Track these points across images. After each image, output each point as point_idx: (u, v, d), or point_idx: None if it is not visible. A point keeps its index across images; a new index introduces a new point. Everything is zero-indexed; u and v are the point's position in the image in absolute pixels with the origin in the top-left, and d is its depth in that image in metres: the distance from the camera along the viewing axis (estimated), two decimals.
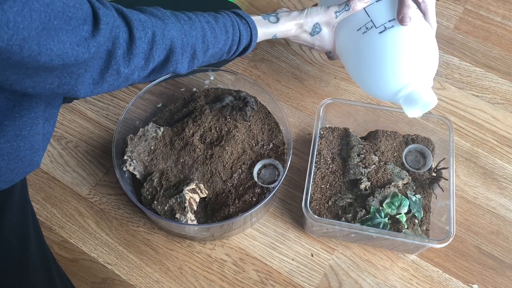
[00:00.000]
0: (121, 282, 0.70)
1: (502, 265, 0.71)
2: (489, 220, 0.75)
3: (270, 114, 0.80)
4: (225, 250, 0.72)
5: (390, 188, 0.70)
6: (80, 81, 0.48)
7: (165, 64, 0.57)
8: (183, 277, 0.70)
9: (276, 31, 0.69)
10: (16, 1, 0.35)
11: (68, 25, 0.41)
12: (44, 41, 0.39)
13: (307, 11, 0.70)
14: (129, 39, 0.51)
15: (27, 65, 0.40)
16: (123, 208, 0.76)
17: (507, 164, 0.80)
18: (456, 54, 0.94)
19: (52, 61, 0.41)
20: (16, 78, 0.42)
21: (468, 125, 0.85)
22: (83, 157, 0.81)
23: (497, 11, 1.00)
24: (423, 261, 0.71)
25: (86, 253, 0.72)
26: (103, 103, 0.87)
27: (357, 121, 0.79)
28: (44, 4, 0.38)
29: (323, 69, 0.91)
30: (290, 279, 0.70)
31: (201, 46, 0.60)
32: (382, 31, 0.65)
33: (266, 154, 0.75)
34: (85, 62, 0.45)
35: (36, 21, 0.37)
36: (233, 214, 0.69)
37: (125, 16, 0.51)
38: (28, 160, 0.56)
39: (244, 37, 0.66)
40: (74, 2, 0.41)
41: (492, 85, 0.90)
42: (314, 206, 0.71)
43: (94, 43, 0.44)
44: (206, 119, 0.76)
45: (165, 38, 0.55)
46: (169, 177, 0.72)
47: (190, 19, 0.59)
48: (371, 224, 0.67)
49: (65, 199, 0.77)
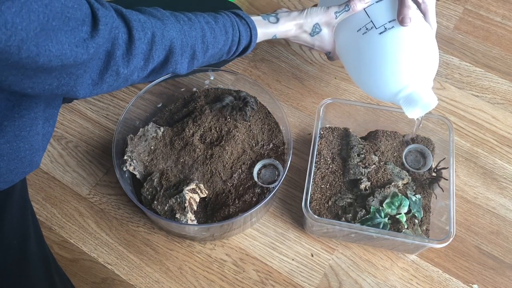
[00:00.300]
0: (121, 282, 0.70)
1: (502, 265, 0.71)
2: (489, 220, 0.75)
3: (270, 114, 0.80)
4: (225, 250, 0.72)
5: (390, 188, 0.70)
6: (79, 82, 0.48)
7: (165, 65, 0.57)
8: (183, 277, 0.70)
9: (276, 31, 0.69)
10: (15, 2, 0.35)
11: (66, 26, 0.41)
12: (42, 42, 0.39)
13: (307, 12, 0.70)
14: (129, 39, 0.51)
15: (25, 66, 0.40)
16: (123, 208, 0.76)
17: (507, 164, 0.80)
18: (456, 54, 0.94)
19: (51, 62, 0.41)
20: (14, 79, 0.42)
21: (468, 125, 0.85)
22: (83, 157, 0.81)
23: (497, 11, 1.00)
24: (423, 261, 0.71)
25: (86, 253, 0.72)
26: (103, 103, 0.87)
27: (357, 121, 0.79)
28: (43, 5, 0.37)
29: (323, 69, 0.91)
30: (290, 279, 0.70)
31: (201, 46, 0.60)
32: (382, 32, 0.65)
33: (266, 154, 0.75)
34: (84, 63, 0.45)
35: (34, 22, 0.37)
36: (233, 214, 0.69)
37: (124, 17, 0.51)
38: (28, 160, 0.56)
39: (244, 38, 0.66)
40: (72, 3, 0.41)
41: (492, 85, 0.90)
42: (314, 206, 0.71)
43: (93, 44, 0.44)
44: (206, 119, 0.76)
45: (165, 39, 0.55)
46: (169, 177, 0.72)
47: (189, 20, 0.59)
48: (371, 224, 0.67)
49: (65, 199, 0.77)
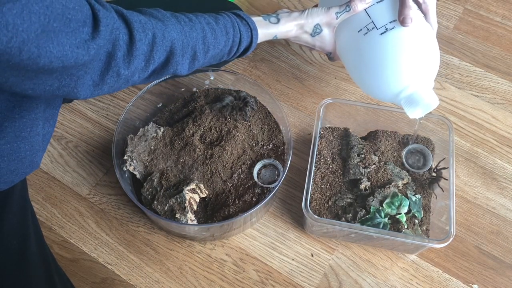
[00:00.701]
0: (121, 282, 0.70)
1: (502, 265, 0.71)
2: (489, 220, 0.75)
3: (270, 114, 0.80)
4: (225, 250, 0.72)
5: (390, 188, 0.70)
6: (80, 83, 0.47)
7: (166, 66, 0.57)
8: (183, 277, 0.70)
9: (277, 31, 0.69)
10: (16, 4, 0.35)
11: (67, 27, 0.41)
12: (43, 43, 0.39)
13: (308, 12, 0.70)
14: (129, 40, 0.51)
15: (26, 67, 0.40)
16: (123, 208, 0.76)
17: (507, 164, 0.80)
18: (456, 54, 0.94)
19: (52, 63, 0.41)
20: (15, 80, 0.42)
21: (468, 125, 0.85)
22: (83, 157, 0.81)
23: (497, 11, 1.00)
24: (423, 261, 0.71)
25: (86, 253, 0.72)
26: (103, 103, 0.87)
27: (357, 121, 0.79)
28: (44, 7, 0.37)
29: (323, 69, 0.91)
30: (290, 279, 0.70)
31: (202, 47, 0.60)
32: (383, 32, 0.65)
33: (266, 154, 0.75)
34: (85, 64, 0.45)
35: (35, 23, 0.37)
36: (233, 214, 0.69)
37: (125, 18, 0.51)
38: (28, 161, 0.56)
39: (245, 38, 0.66)
40: (73, 4, 0.41)
41: (492, 85, 0.90)
42: (314, 206, 0.71)
43: (94, 45, 0.44)
44: (206, 119, 0.76)
45: (166, 40, 0.55)
46: (169, 177, 0.72)
47: (190, 21, 0.59)
48: (371, 224, 0.67)
49: (65, 199, 0.77)
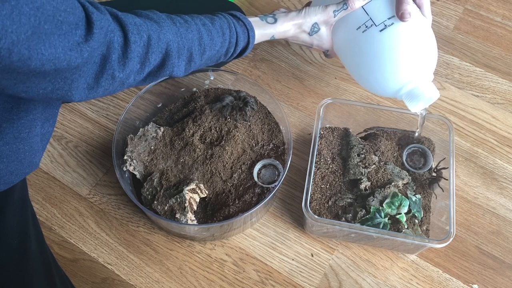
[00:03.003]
0: (121, 282, 0.70)
1: (502, 265, 0.71)
2: (489, 220, 0.75)
3: (270, 114, 0.80)
4: (225, 250, 0.72)
5: (390, 188, 0.70)
6: (74, 86, 0.47)
7: (161, 68, 0.57)
8: (183, 277, 0.70)
9: (274, 32, 0.69)
10: (5, 4, 0.35)
11: (59, 29, 0.40)
12: (34, 45, 0.39)
13: (305, 11, 0.70)
14: (124, 43, 0.50)
15: (17, 69, 0.39)
16: (123, 208, 0.76)
17: (507, 164, 0.80)
18: (456, 54, 0.93)
19: (44, 66, 0.40)
20: (7, 83, 0.42)
21: (468, 125, 0.85)
22: (83, 157, 0.81)
23: (497, 11, 1.00)
24: (423, 261, 0.71)
25: (86, 253, 0.72)
26: (103, 103, 0.87)
27: (357, 121, 0.79)
28: (34, 8, 0.37)
29: (323, 69, 0.91)
30: (290, 279, 0.70)
31: (198, 48, 0.60)
32: (382, 29, 0.65)
33: (266, 154, 0.75)
34: (79, 67, 0.45)
35: (25, 25, 0.37)
36: (233, 214, 0.69)
37: (120, 20, 0.50)
38: (28, 161, 0.56)
39: (241, 39, 0.65)
40: (65, 7, 0.41)
41: (492, 85, 0.89)
42: (314, 206, 0.71)
43: (87, 47, 0.44)
44: (206, 119, 0.76)
45: (161, 42, 0.54)
46: (169, 177, 0.72)
47: (186, 22, 0.59)
48: (371, 224, 0.67)
49: (65, 199, 0.77)
